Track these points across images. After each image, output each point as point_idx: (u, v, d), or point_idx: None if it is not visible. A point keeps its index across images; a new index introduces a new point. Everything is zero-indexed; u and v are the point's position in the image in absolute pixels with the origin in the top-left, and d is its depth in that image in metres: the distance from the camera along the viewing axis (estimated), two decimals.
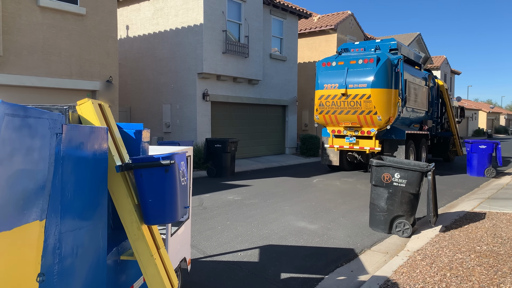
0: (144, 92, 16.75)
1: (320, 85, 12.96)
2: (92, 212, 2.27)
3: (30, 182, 1.71)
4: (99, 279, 2.38)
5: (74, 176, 2.07)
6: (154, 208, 2.55)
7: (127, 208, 2.56)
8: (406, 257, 5.29)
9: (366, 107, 12.21)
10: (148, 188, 2.52)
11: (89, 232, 2.24)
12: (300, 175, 13.57)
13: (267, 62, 18.31)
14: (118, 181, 2.55)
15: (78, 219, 2.11)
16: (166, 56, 15.93)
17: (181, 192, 2.69)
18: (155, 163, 2.50)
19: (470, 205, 8.72)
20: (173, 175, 2.56)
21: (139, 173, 2.52)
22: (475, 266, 4.86)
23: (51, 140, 1.85)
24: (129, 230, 2.58)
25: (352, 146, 13.03)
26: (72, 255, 2.07)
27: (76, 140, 2.07)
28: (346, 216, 7.92)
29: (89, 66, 11.70)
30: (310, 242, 6.20)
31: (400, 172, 6.55)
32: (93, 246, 2.30)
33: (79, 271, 2.14)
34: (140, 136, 3.01)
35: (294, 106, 20.28)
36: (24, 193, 1.68)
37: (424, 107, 15.27)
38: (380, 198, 6.74)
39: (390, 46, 13.38)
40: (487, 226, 6.70)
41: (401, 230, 6.58)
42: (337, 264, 5.27)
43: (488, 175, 13.65)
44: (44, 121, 1.80)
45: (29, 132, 1.70)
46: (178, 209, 2.64)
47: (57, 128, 1.89)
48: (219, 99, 15.80)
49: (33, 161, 1.73)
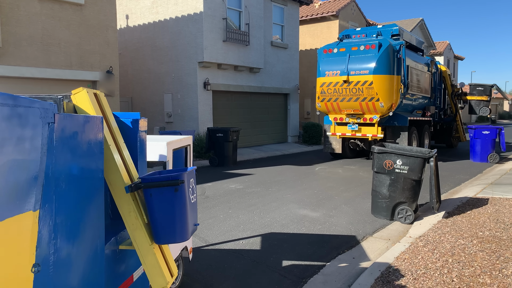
0: (145, 82, 16.69)
1: (322, 73, 12.84)
2: (89, 202, 2.24)
3: (22, 172, 1.69)
4: (97, 269, 2.35)
5: (69, 166, 2.04)
6: (165, 227, 2.54)
7: (124, 198, 2.53)
8: (408, 244, 5.28)
9: (368, 94, 12.09)
10: (158, 208, 2.52)
11: (86, 222, 2.21)
12: (302, 163, 13.55)
13: (268, 50, 18.16)
14: (114, 170, 2.52)
15: (74, 209, 2.08)
16: (166, 45, 15.83)
17: (191, 210, 2.68)
18: (165, 183, 2.48)
19: (473, 191, 8.69)
20: (183, 194, 2.54)
21: (149, 193, 2.51)
22: (477, 251, 4.85)
23: (43, 129, 1.82)
24: (127, 220, 2.55)
25: (355, 133, 12.92)
26: (68, 245, 2.04)
27: (69, 129, 2.04)
28: (348, 203, 7.91)
29: (89, 56, 11.64)
30: (312, 230, 6.20)
31: (402, 158, 6.51)
32: (90, 236, 2.26)
33: (76, 262, 2.12)
34: (137, 125, 2.96)
35: (296, 94, 20.18)
36: (16, 184, 1.66)
37: (426, 93, 15.13)
38: (382, 185, 6.71)
39: (392, 32, 13.23)
40: (490, 212, 6.67)
41: (403, 216, 6.57)
42: (338, 251, 5.27)
43: (491, 160, 13.58)
44: (35, 110, 1.77)
45: (19, 122, 1.67)
46: (189, 228, 2.63)
47: (49, 117, 1.85)
48: (220, 88, 15.72)
49: (25, 151, 1.71)
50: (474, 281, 4.02)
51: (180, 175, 2.52)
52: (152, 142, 3.42)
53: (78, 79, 11.46)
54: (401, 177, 6.54)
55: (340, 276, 4.48)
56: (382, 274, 4.27)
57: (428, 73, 15.25)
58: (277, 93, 19.18)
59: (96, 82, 11.91)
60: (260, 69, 17.37)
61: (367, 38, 13.18)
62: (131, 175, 2.66)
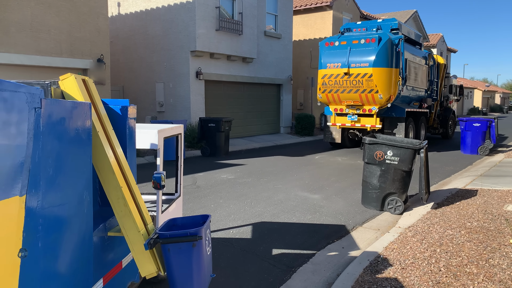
0: (137, 71, 16.53)
1: (323, 65, 13.20)
2: (76, 188, 2.23)
3: (7, 157, 1.70)
4: (86, 255, 2.36)
5: (56, 151, 2.02)
6: (182, 282, 2.57)
7: (112, 184, 2.53)
8: (397, 234, 5.32)
9: (367, 85, 12.50)
10: (176, 262, 2.55)
11: (74, 208, 2.21)
12: (294, 154, 13.57)
13: (261, 40, 18.06)
14: (103, 157, 2.51)
15: (62, 195, 2.08)
16: (159, 34, 15.66)
17: (207, 262, 2.73)
18: (183, 239, 2.52)
19: (462, 182, 8.77)
20: (201, 248, 2.58)
21: (167, 248, 2.54)
22: (465, 242, 4.90)
23: (29, 114, 1.80)
24: (116, 207, 2.56)
25: (354, 124, 13.36)
26: (56, 230, 2.04)
27: (57, 115, 2.02)
28: (339, 193, 7.94)
29: (79, 44, 11.48)
30: (302, 220, 6.23)
31: (393, 149, 6.53)
32: (78, 222, 2.27)
33: (64, 247, 2.12)
34: (126, 112, 2.98)
35: (289, 85, 20.13)
36: (2, 168, 1.67)
37: (423, 86, 15.55)
38: (372, 176, 6.74)
39: (391, 26, 13.59)
40: (478, 203, 6.74)
41: (393, 207, 6.61)
42: (328, 241, 5.30)
43: (481, 153, 13.70)
44: (21, 95, 1.76)
45: (4, 106, 1.67)
46: (205, 281, 2.69)
47: (35, 102, 1.84)
48: (213, 77, 15.63)
49: (10, 135, 1.71)
50: (461, 270, 4.07)
51: (199, 230, 2.55)
52: (144, 130, 3.46)
53: (68, 67, 11.31)
54: (391, 168, 6.57)
55: (329, 265, 4.51)
56: (371, 264, 4.30)
57: (425, 66, 15.65)
58: (270, 84, 19.13)
59: (87, 70, 11.77)
60: (253, 59, 17.28)
61: (367, 31, 13.51)
62: (120, 161, 2.65)
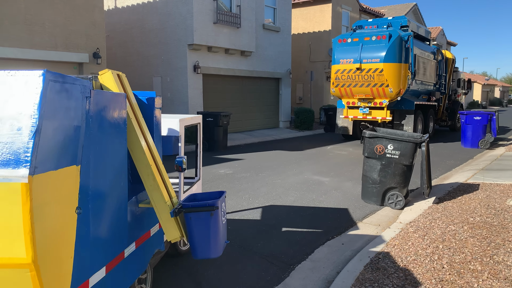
0: (134, 65, 16.34)
1: (337, 60, 13.86)
2: (115, 164, 2.66)
3: (69, 134, 2.11)
4: (122, 219, 2.80)
5: (100, 132, 2.44)
6: (201, 245, 2.96)
7: (143, 163, 2.92)
8: (398, 229, 5.19)
9: (378, 80, 13.11)
10: (196, 228, 2.94)
11: (113, 179, 2.65)
12: (293, 149, 13.43)
13: (260, 33, 17.85)
14: (135, 139, 2.90)
15: (105, 168, 2.52)
16: (156, 27, 15.46)
17: (222, 230, 3.12)
18: (203, 209, 2.91)
19: (463, 176, 8.64)
20: (217, 218, 2.96)
21: (189, 216, 2.93)
22: (468, 237, 4.77)
23: (82, 101, 2.23)
24: (146, 182, 2.94)
25: (365, 116, 13.95)
26: (101, 197, 2.47)
27: (101, 103, 2.45)
28: (338, 188, 7.81)
29: (74, 37, 11.30)
30: (301, 215, 6.10)
31: (393, 143, 6.40)
32: (116, 192, 2.70)
33: (106, 211, 2.56)
34: (153, 103, 3.42)
35: (288, 79, 19.95)
36: (65, 143, 2.07)
37: (432, 80, 16.15)
38: (372, 170, 6.61)
39: (401, 23, 14.31)
40: (481, 197, 6.62)
41: (394, 202, 6.48)
42: (327, 237, 5.17)
43: (482, 146, 13.57)
44: (77, 87, 2.19)
45: (66, 95, 2.09)
46: (221, 246, 3.07)
47: (87, 92, 2.27)
48: (211, 71, 15.45)
49: (70, 117, 2.12)
50: (465, 267, 3.94)
51: (216, 202, 2.94)
52: (167, 119, 3.93)
53: (64, 61, 11.14)
54: (392, 162, 6.44)
55: (328, 262, 4.38)
56: (372, 261, 4.18)
57: (434, 61, 16.25)
58: (268, 78, 18.94)
59: (83, 64, 11.59)
60: (252, 52, 17.09)
61: (378, 29, 14.20)
62: (149, 143, 3.04)
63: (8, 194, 1.80)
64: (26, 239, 1.81)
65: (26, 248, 1.81)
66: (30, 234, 1.81)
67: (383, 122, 14.35)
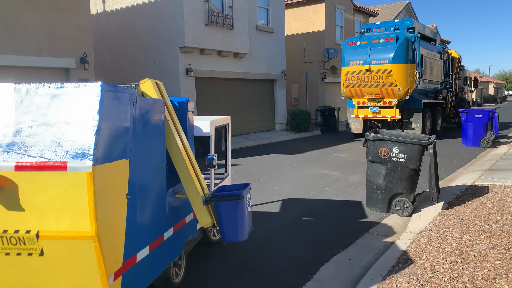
0: (125, 70, 15.86)
1: (346, 62, 14.60)
2: (156, 158, 3.09)
3: (120, 133, 2.54)
4: (162, 206, 3.24)
5: (144, 132, 2.87)
6: (230, 229, 3.35)
7: (179, 159, 3.33)
8: (409, 241, 4.77)
9: (387, 80, 13.77)
10: (225, 215, 3.33)
11: (155, 172, 3.08)
12: (290, 152, 13.01)
13: (253, 35, 17.43)
14: (172, 139, 3.31)
15: (148, 162, 2.94)
16: (146, 30, 15.00)
17: (248, 217, 3.48)
18: (230, 198, 3.30)
19: (470, 178, 8.25)
20: (243, 206, 3.35)
21: (219, 205, 3.33)
22: (487, 249, 4.36)
23: (130, 107, 2.66)
24: (181, 175, 3.35)
25: (375, 115, 14.60)
26: (145, 186, 2.92)
27: (144, 107, 2.89)
28: (341, 194, 7.39)
29: (60, 42, 10.82)
30: (303, 226, 5.67)
31: (399, 146, 5.99)
32: (157, 183, 3.14)
33: (150, 198, 2.99)
34: (186, 107, 3.88)
35: (283, 80, 19.54)
36: (117, 140, 2.50)
37: (439, 79, 16.76)
38: (377, 175, 6.19)
39: (407, 25, 15.04)
40: (493, 201, 6.21)
41: (401, 209, 6.07)
42: (333, 251, 4.74)
43: (484, 145, 13.22)
44: (126, 95, 2.61)
45: (118, 102, 2.52)
46: (246, 231, 3.44)
47: (133, 99, 2.70)
48: (204, 74, 15.00)
49: (121, 120, 2.55)
50: (490, 286, 3.53)
51: (242, 192, 3.36)
52: (199, 120, 4.46)
53: (49, 67, 10.66)
54: (398, 166, 6.02)
55: (336, 282, 3.95)
56: (384, 280, 3.75)
57: (440, 61, 16.86)
58: (263, 80, 18.52)
59: (69, 69, 11.11)
60: (245, 54, 16.66)
61: (385, 31, 14.90)
62: (183, 142, 3.44)
63: (77, 181, 2.25)
64: (91, 216, 2.25)
65: (91, 223, 2.25)
66: (94, 213, 2.25)
67: (392, 121, 14.99)
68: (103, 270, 2.35)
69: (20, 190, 2.33)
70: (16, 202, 2.33)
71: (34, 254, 2.36)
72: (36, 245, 2.34)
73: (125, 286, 2.63)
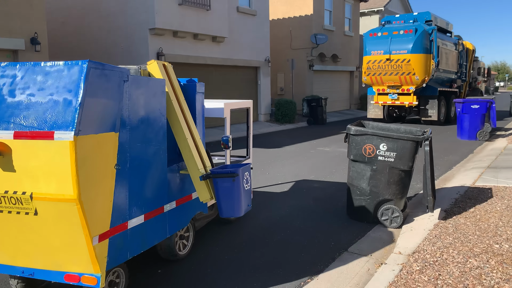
0: (93, 54, 14.49)
1: (368, 52, 15.93)
2: (153, 134, 3.27)
3: (107, 108, 2.75)
4: (161, 180, 3.43)
5: (138, 109, 3.08)
6: (226, 205, 3.54)
7: (181, 136, 3.55)
8: (398, 267, 3.66)
9: (406, 69, 15.08)
10: (221, 191, 3.52)
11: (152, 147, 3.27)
12: (270, 146, 11.85)
13: (233, 17, 16.11)
14: (175, 117, 3.54)
15: (143, 137, 3.15)
16: (114, 11, 13.64)
17: (244, 195, 3.63)
18: (226, 175, 3.48)
19: (469, 177, 7.17)
20: (238, 183, 3.50)
21: (216, 181, 3.52)
22: (502, 282, 3.25)
23: (120, 84, 2.87)
24: (183, 152, 3.57)
25: (394, 101, 15.85)
26: (139, 159, 3.11)
27: (139, 86, 3.10)
28: (319, 199, 6.27)
29: (6, 20, 9.47)
30: (265, 243, 4.52)
31: (387, 142, 4.85)
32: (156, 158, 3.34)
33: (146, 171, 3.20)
34: (195, 87, 4.02)
35: (267, 68, 18.29)
36: (104, 114, 2.72)
37: (454, 69, 17.90)
38: (360, 178, 5.06)
39: (425, 18, 16.32)
40: (500, 209, 5.12)
41: (389, 219, 4.95)
42: (299, 283, 3.61)
43: (481, 138, 12.17)
44: (116, 72, 2.84)
45: (106, 79, 2.75)
46: (242, 207, 3.60)
47: (124, 77, 2.92)
48: (178, 59, 13.70)
49: (109, 96, 2.77)
50: None
51: (237, 170, 3.49)
52: (214, 103, 4.72)
53: None
54: (385, 167, 4.89)
55: None
56: None
57: (455, 51, 18.03)
58: (245, 66, 17.25)
59: (18, 51, 9.79)
60: (224, 38, 15.37)
61: (405, 23, 16.24)
62: (187, 120, 3.67)
63: (61, 149, 2.50)
64: (73, 181, 2.48)
65: (73, 188, 2.49)
66: (75, 178, 2.48)
67: (409, 107, 16.36)
68: (87, 231, 2.58)
69: (18, 156, 2.60)
70: (14, 167, 2.61)
71: (30, 214, 2.64)
72: (31, 205, 2.60)
73: (112, 248, 2.84)
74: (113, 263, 2.85)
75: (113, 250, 2.84)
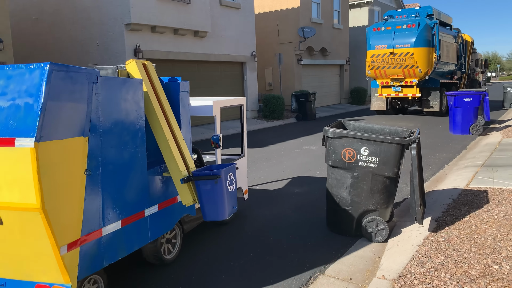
0: (68, 52, 13.78)
1: (372, 46, 16.30)
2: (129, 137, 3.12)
3: (74, 112, 2.61)
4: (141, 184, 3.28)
5: (111, 111, 2.92)
6: (209, 209, 3.40)
7: (162, 138, 3.40)
8: None
9: (409, 62, 15.49)
10: (204, 193, 3.39)
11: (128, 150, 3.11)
12: (254, 145, 11.26)
13: (216, 11, 15.44)
14: (155, 118, 3.39)
15: (117, 140, 2.99)
16: (88, 5, 12.92)
17: (228, 196, 3.51)
18: (208, 177, 3.35)
19: (462, 177, 6.63)
20: (221, 185, 3.38)
21: (197, 183, 3.40)
22: None
23: (88, 86, 2.71)
24: (164, 154, 3.42)
25: (397, 94, 16.24)
26: (113, 163, 2.95)
27: (111, 87, 2.92)
28: (298, 209, 5.69)
29: None
30: (230, 264, 3.94)
31: (368, 145, 4.27)
32: (134, 161, 3.18)
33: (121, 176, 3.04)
34: (178, 86, 3.82)
35: (253, 63, 17.65)
36: (70, 118, 2.58)
37: (454, 61, 18.32)
38: (340, 186, 4.48)
39: (427, 12, 16.77)
40: (497, 217, 4.57)
41: (373, 232, 4.39)
42: None
43: (474, 132, 11.67)
44: (82, 74, 2.67)
45: (71, 81, 2.59)
46: (226, 210, 3.47)
47: (93, 78, 2.74)
48: (156, 55, 13.03)
49: (75, 98, 2.62)
50: None
51: (219, 171, 3.37)
52: (203, 101, 4.57)
53: None
54: (368, 174, 4.32)
55: None
56: None
57: (455, 44, 18.47)
58: (230, 62, 16.60)
59: None
60: (207, 33, 14.71)
61: (407, 18, 16.63)
62: (169, 122, 3.50)
63: (22, 156, 2.37)
64: (36, 190, 2.37)
65: (36, 196, 2.37)
66: (38, 186, 2.36)
67: (412, 99, 16.77)
68: (53, 240, 2.48)
69: None
70: None
71: None
72: None
73: (85, 257, 2.74)
74: (86, 271, 2.76)
75: (86, 258, 2.75)
